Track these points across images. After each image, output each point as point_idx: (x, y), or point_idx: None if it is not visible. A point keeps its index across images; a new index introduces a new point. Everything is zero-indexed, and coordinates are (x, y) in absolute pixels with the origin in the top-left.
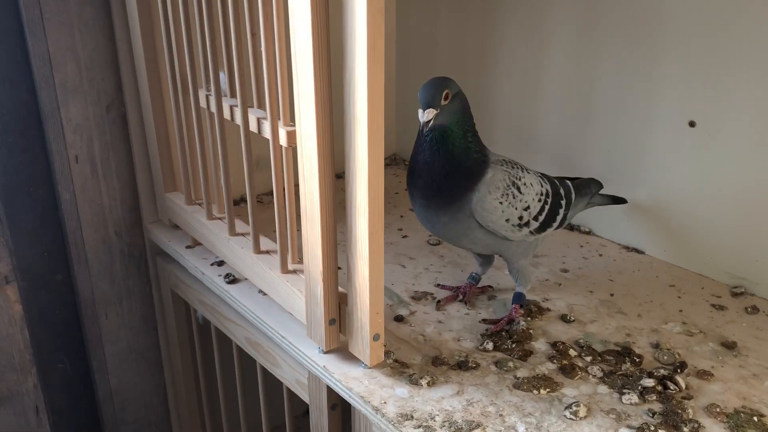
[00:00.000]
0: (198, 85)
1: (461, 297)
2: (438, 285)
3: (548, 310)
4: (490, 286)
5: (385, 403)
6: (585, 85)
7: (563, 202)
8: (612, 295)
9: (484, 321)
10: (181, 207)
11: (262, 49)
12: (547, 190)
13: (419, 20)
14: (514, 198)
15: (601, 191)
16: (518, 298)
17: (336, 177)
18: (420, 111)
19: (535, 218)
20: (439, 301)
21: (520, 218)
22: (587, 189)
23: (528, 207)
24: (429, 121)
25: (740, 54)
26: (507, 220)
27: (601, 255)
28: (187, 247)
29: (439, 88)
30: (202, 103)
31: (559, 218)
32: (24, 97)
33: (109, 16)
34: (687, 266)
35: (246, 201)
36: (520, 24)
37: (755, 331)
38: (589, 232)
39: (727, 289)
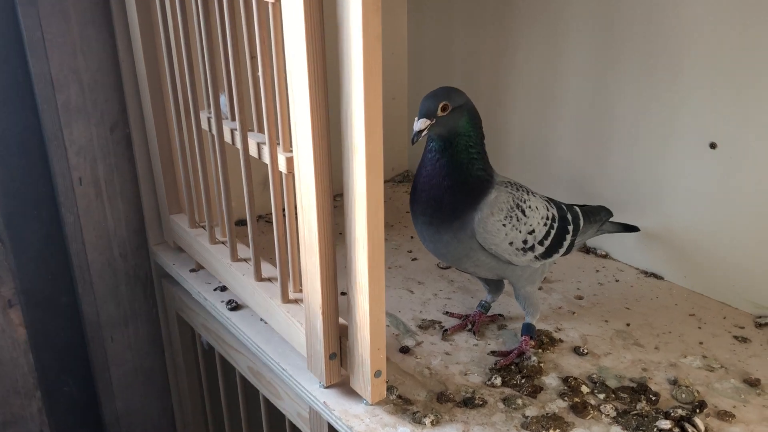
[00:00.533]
0: (199, 107)
1: (470, 326)
2: (446, 313)
3: (560, 341)
4: (500, 315)
5: None
6: (601, 107)
7: (570, 228)
8: (628, 324)
9: (493, 353)
10: (185, 230)
11: (259, 74)
12: (553, 215)
13: (433, 36)
14: (518, 221)
15: (612, 219)
16: (528, 329)
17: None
18: (416, 120)
19: (541, 243)
20: (446, 330)
21: (525, 242)
22: (596, 216)
23: (533, 231)
24: (421, 131)
25: (763, 73)
26: (511, 244)
27: (617, 280)
28: (191, 270)
29: (438, 98)
30: (204, 125)
31: (566, 244)
32: (26, 118)
33: (113, 37)
34: (708, 293)
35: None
36: (536, 42)
37: None
38: (605, 256)
39: (751, 318)
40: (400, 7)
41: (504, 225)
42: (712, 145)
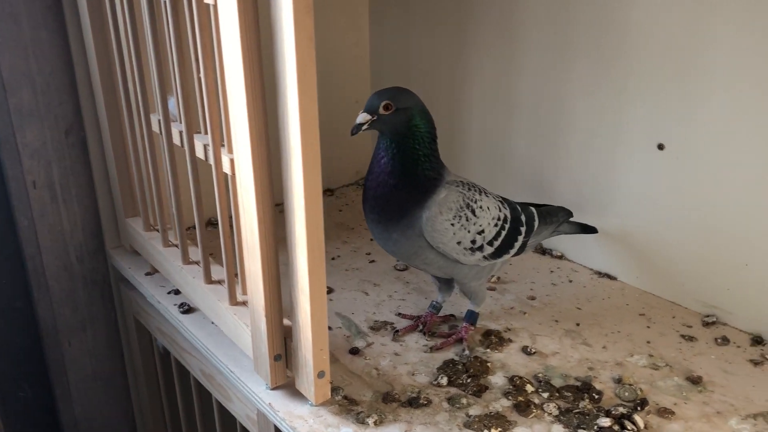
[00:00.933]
0: (150, 110)
1: (421, 327)
2: (399, 314)
3: (509, 341)
4: (452, 315)
5: None
6: (556, 109)
7: (523, 229)
8: (578, 324)
9: (433, 334)
10: (140, 233)
11: (201, 75)
12: (505, 215)
13: (393, 40)
14: (467, 221)
15: (571, 219)
16: (470, 317)
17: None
18: (360, 112)
19: (490, 243)
20: (397, 331)
21: (473, 242)
22: (554, 217)
23: (482, 231)
24: (361, 125)
25: (708, 76)
26: (459, 243)
27: (571, 281)
28: (147, 274)
29: (382, 97)
30: (155, 128)
31: (517, 245)
32: None
33: (66, 41)
34: (659, 293)
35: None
36: (492, 44)
37: (724, 364)
38: (561, 257)
39: (699, 318)
40: (362, 12)
41: (452, 224)
42: (660, 147)
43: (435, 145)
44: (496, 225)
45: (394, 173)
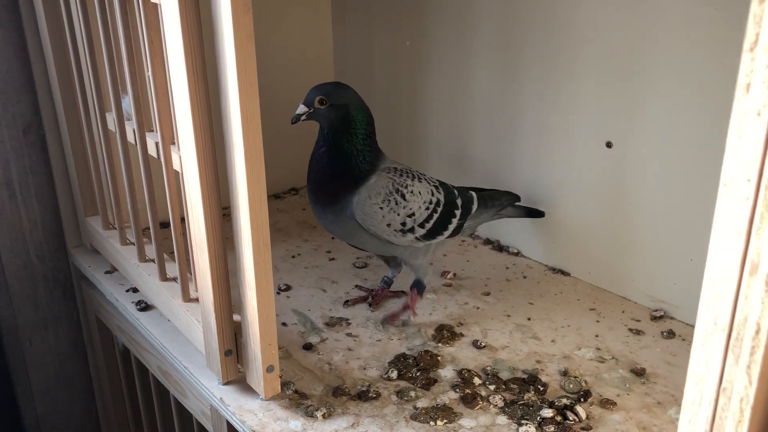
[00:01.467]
0: (106, 109)
1: (370, 300)
2: (356, 286)
3: (461, 335)
4: (402, 291)
5: None
6: (509, 108)
7: (458, 212)
8: (529, 319)
9: (385, 319)
10: (99, 231)
11: (149, 74)
12: (438, 199)
13: (355, 40)
14: (396, 204)
15: (517, 203)
16: (416, 284)
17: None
18: (300, 105)
19: (422, 225)
20: (347, 302)
21: (404, 224)
22: (497, 200)
23: (412, 214)
24: (299, 116)
25: (653, 77)
26: (388, 225)
27: (525, 277)
28: (106, 272)
29: (317, 92)
30: (111, 127)
31: (451, 227)
32: None
33: (23, 39)
34: (610, 288)
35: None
36: (448, 45)
37: (668, 356)
38: (517, 254)
39: (648, 312)
40: (325, 12)
41: (381, 208)
42: (609, 145)
43: (371, 140)
44: (427, 209)
45: (330, 164)
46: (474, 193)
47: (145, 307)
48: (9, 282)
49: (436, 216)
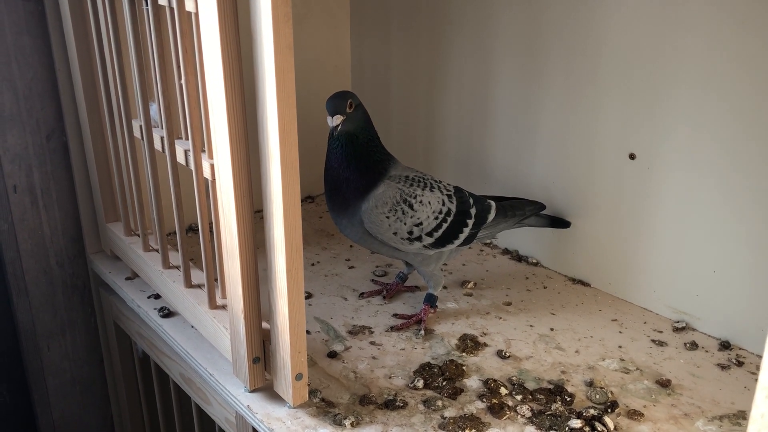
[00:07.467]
0: (132, 116)
1: (384, 293)
2: (372, 280)
3: (485, 345)
4: (417, 287)
5: None
6: (530, 118)
7: (470, 221)
8: (552, 329)
9: (396, 316)
10: (120, 238)
11: (182, 82)
12: (449, 209)
13: (372, 51)
14: (403, 214)
15: (542, 213)
16: (429, 299)
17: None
18: (329, 118)
19: (430, 234)
20: (362, 294)
21: (410, 233)
22: (519, 210)
23: (420, 223)
24: (338, 126)
25: (675, 90)
26: (395, 234)
27: (545, 287)
28: (127, 278)
29: (344, 98)
30: (136, 133)
31: (462, 236)
32: None
33: (48, 46)
34: (631, 299)
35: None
36: (468, 57)
37: (692, 368)
38: (536, 264)
39: (670, 324)
40: (343, 23)
41: (387, 217)
42: (632, 156)
43: (380, 141)
44: (436, 218)
45: (350, 166)
46: (492, 202)
47: (168, 313)
48: (29, 287)
49: (446, 225)
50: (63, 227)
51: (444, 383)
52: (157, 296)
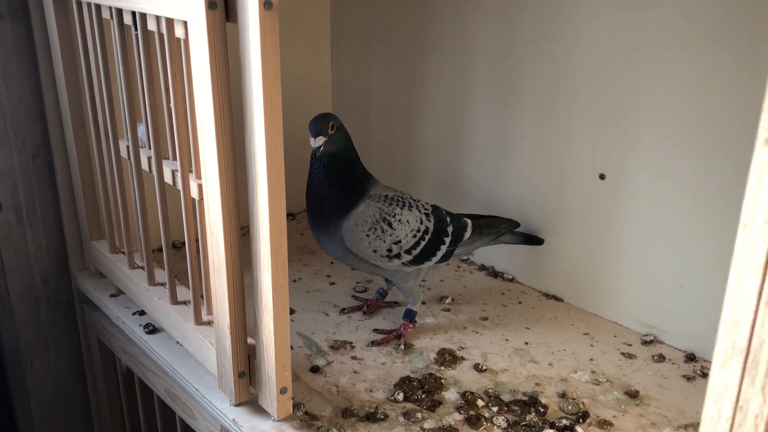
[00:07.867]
0: (119, 136)
1: (365, 309)
2: (353, 296)
3: (463, 359)
4: (396, 302)
5: None
6: (505, 141)
7: (447, 239)
8: (527, 343)
9: (376, 331)
10: (105, 255)
11: (171, 105)
12: (427, 227)
13: (353, 73)
14: (383, 232)
15: (516, 230)
16: (408, 314)
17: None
18: (311, 139)
19: (408, 252)
20: (343, 310)
21: (389, 250)
22: (494, 227)
23: (399, 241)
24: (320, 146)
25: (645, 114)
26: (375, 251)
27: (520, 302)
28: (111, 295)
29: (326, 120)
30: (123, 153)
31: (440, 253)
32: None
33: (36, 67)
34: (602, 314)
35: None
36: (445, 79)
37: (660, 379)
38: (512, 280)
39: (638, 337)
40: (324, 45)
41: (367, 235)
42: (602, 176)
43: (360, 162)
44: (414, 236)
45: (331, 185)
46: (469, 221)
47: (153, 329)
48: (13, 304)
49: (424, 243)
50: (48, 245)
51: (423, 396)
52: (142, 313)
